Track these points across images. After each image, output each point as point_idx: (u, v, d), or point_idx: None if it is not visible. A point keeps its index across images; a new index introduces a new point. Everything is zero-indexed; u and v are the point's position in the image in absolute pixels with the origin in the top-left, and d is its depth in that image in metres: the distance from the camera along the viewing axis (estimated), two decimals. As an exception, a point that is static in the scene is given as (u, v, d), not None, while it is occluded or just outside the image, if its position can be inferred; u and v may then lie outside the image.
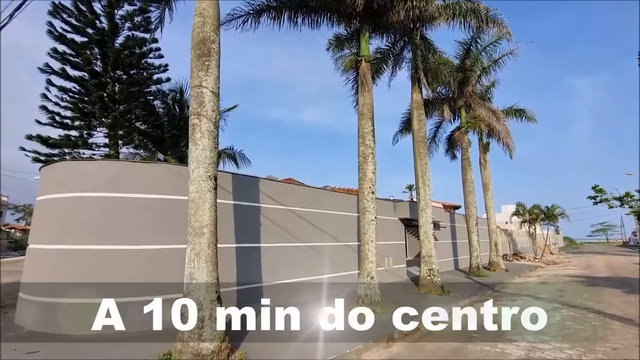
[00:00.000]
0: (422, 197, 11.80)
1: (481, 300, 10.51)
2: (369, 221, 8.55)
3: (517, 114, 19.44)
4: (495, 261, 18.61)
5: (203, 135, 5.42)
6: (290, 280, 8.81)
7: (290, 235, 9.05)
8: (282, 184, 9.19)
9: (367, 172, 8.79)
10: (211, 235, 5.18)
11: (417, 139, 12.24)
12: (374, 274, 8.35)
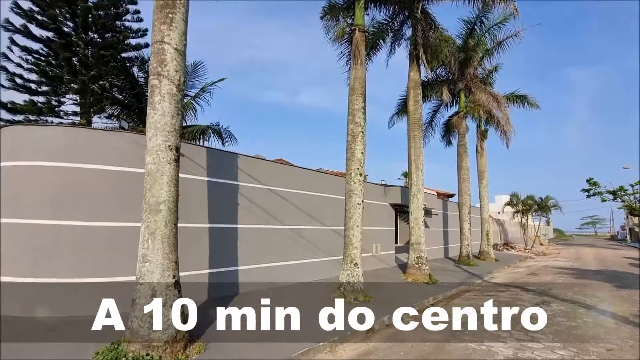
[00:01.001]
0: (414, 182, 11.25)
1: (469, 290, 10.18)
2: (355, 205, 7.99)
3: (519, 100, 18.74)
4: (486, 250, 18.36)
5: (163, 98, 4.71)
6: (270, 264, 8.31)
7: (272, 217, 8.49)
8: (263, 161, 8.56)
9: (355, 152, 8.16)
10: (169, 213, 4.57)
11: (412, 121, 11.57)
12: (357, 260, 7.86)
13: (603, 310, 7.28)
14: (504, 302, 8.16)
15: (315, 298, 7.54)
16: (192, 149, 6.93)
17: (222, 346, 4.93)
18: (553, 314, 6.88)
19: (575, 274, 13.40)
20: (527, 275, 13.27)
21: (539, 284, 11.02)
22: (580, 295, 9.00)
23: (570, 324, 6.12)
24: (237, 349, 4.90)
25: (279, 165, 8.89)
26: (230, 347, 4.93)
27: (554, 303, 7.95)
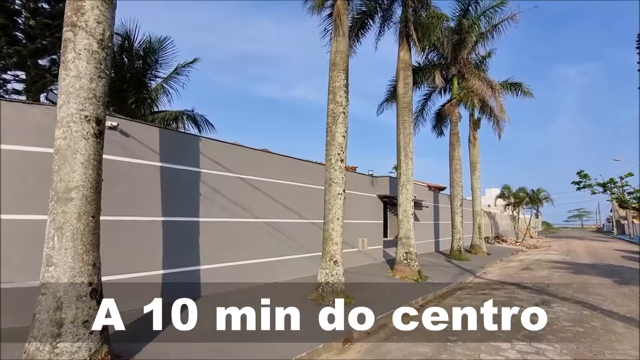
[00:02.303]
0: (403, 172, 10.36)
1: (461, 287, 9.39)
2: (336, 195, 7.05)
3: (513, 87, 17.96)
4: (478, 244, 17.72)
5: (79, 56, 3.66)
6: (239, 262, 7.35)
7: (242, 209, 7.50)
8: (231, 146, 7.54)
9: (335, 135, 7.19)
10: (85, 202, 3.54)
11: (402, 105, 10.64)
12: (338, 258, 6.95)
13: (609, 312, 6.54)
14: (500, 302, 7.37)
15: (290, 300, 6.61)
16: (139, 129, 5.87)
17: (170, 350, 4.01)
18: (556, 317, 6.09)
19: (571, 269, 12.78)
20: (521, 271, 12.59)
21: (535, 280, 10.31)
22: (581, 293, 8.28)
23: (578, 330, 5.32)
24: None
25: (250, 150, 7.87)
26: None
27: (555, 303, 7.19)
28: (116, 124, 5.48)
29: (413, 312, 6.51)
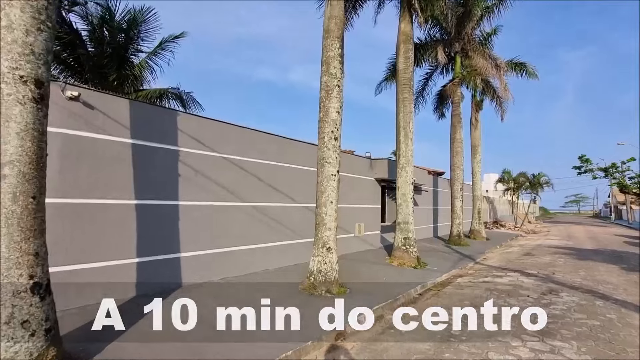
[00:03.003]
0: (402, 153, 9.75)
1: (461, 274, 8.95)
2: (329, 176, 6.46)
3: (517, 68, 17.11)
4: (477, 229, 17.31)
5: (10, 2, 2.96)
6: (224, 249, 6.81)
7: (227, 192, 6.91)
8: (214, 122, 6.86)
9: (329, 110, 6.53)
10: (22, 180, 2.93)
11: (402, 82, 9.92)
12: (331, 244, 6.43)
13: (623, 302, 6.08)
14: (503, 291, 6.91)
15: (279, 290, 6.14)
16: (106, 100, 5.19)
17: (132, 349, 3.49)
18: (567, 308, 5.62)
19: (575, 255, 12.38)
20: (523, 256, 12.18)
21: (538, 266, 9.88)
22: (590, 280, 7.84)
23: (593, 324, 4.85)
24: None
25: (236, 127, 7.20)
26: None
27: (564, 292, 6.73)
28: (77, 93, 4.81)
29: (411, 304, 6.10)
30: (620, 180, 33.56)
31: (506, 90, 14.73)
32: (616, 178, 33.48)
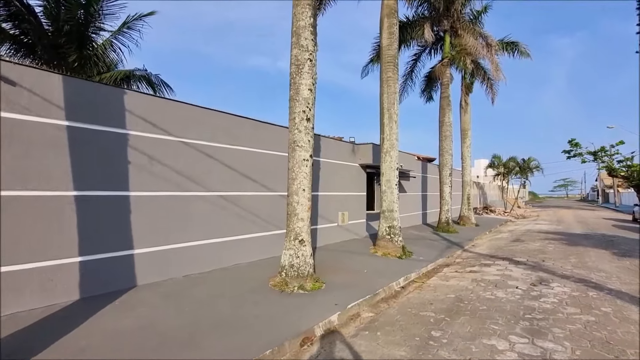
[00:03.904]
0: (386, 137, 9.13)
1: (448, 264, 8.51)
2: (301, 161, 5.82)
3: (509, 47, 16.46)
4: (466, 215, 16.97)
5: None
6: (187, 243, 6.18)
7: (189, 181, 6.23)
8: (172, 103, 6.11)
9: (300, 88, 5.84)
10: None
11: (386, 59, 9.21)
12: (304, 236, 5.84)
13: (617, 292, 5.67)
14: (491, 282, 6.46)
15: (246, 287, 5.56)
16: (33, 76, 4.42)
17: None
18: (559, 300, 5.17)
19: (565, 240, 12.08)
20: (512, 243, 11.83)
21: (528, 253, 9.50)
22: (581, 268, 7.45)
23: (588, 320, 4.39)
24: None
25: (200, 109, 6.46)
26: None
27: (555, 282, 6.30)
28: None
29: (392, 299, 5.60)
30: (609, 163, 33.57)
31: (497, 70, 14.10)
32: (605, 162, 33.53)
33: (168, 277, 5.84)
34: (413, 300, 5.54)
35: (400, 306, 5.25)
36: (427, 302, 5.39)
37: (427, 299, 5.56)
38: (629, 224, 19.31)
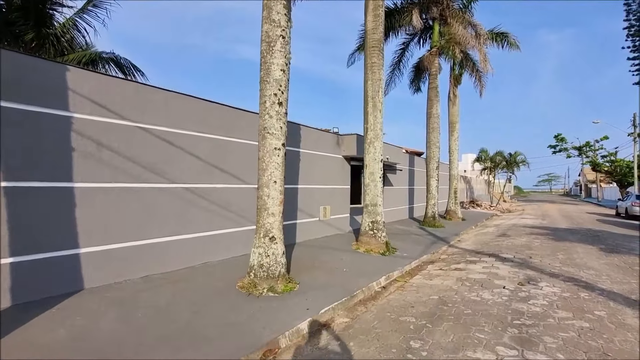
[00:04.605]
0: (370, 127, 8.62)
1: (432, 260, 8.13)
2: (272, 150, 5.25)
3: (498, 38, 16.07)
4: (453, 209, 16.71)
5: None
6: (148, 240, 5.57)
7: (151, 172, 5.60)
8: (127, 83, 5.43)
9: (271, 68, 5.24)
10: None
11: (371, 44, 8.64)
12: (275, 232, 5.30)
13: (609, 292, 5.34)
14: (477, 281, 6.08)
15: (211, 289, 5.01)
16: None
17: None
18: (549, 303, 4.79)
19: (551, 235, 11.89)
20: (498, 237, 11.57)
21: (514, 249, 9.20)
22: (570, 265, 7.15)
23: (582, 326, 4.00)
24: None
25: (161, 92, 5.80)
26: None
27: (543, 281, 5.95)
28: None
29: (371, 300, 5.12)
30: (593, 158, 34.07)
31: (486, 61, 13.70)
32: (589, 157, 33.99)
33: (124, 278, 5.24)
34: (393, 302, 5.09)
35: (379, 310, 4.79)
36: (408, 304, 4.95)
37: (409, 301, 5.12)
38: (612, 218, 19.46)
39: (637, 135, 27.23)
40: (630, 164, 29.70)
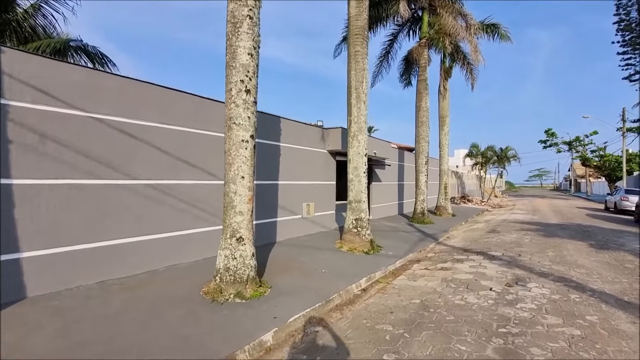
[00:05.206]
0: (354, 119, 8.18)
1: (418, 259, 7.77)
2: (239, 142, 4.78)
3: (489, 29, 15.73)
4: (443, 205, 16.42)
5: None
6: (105, 242, 5.08)
7: (106, 167, 5.09)
8: (79, 69, 4.90)
9: (237, 52, 4.76)
10: None
11: (354, 31, 8.19)
12: (243, 232, 4.84)
13: (601, 293, 5.02)
14: (463, 282, 5.72)
15: (171, 296, 4.55)
16: None
17: None
18: (538, 307, 4.43)
19: (541, 231, 11.64)
20: (487, 234, 11.29)
21: (503, 246, 8.90)
22: (560, 264, 6.84)
23: (572, 334, 3.65)
24: None
25: (119, 79, 5.27)
26: None
27: (532, 282, 5.61)
28: None
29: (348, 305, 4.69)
30: (583, 153, 34.22)
31: (477, 51, 13.33)
32: (579, 152, 34.14)
33: (76, 284, 4.75)
34: (372, 307, 4.70)
35: (355, 316, 4.39)
36: (387, 310, 4.56)
37: (389, 305, 4.74)
38: (601, 212, 19.42)
39: (626, 130, 27.30)
40: (619, 159, 29.85)
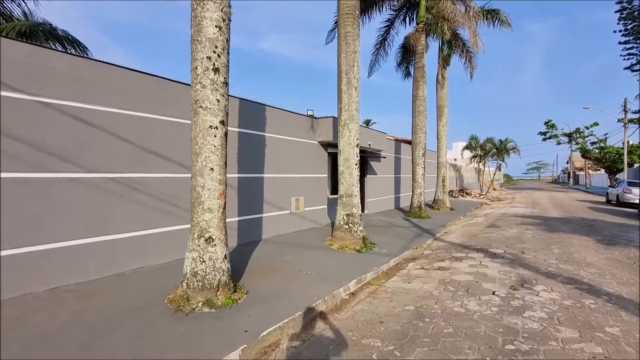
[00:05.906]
0: (344, 107, 7.55)
1: (414, 257, 7.22)
2: (206, 129, 4.15)
3: (489, 15, 15.03)
4: (441, 199, 15.87)
5: None
6: (58, 243, 4.47)
7: (58, 159, 4.46)
8: (21, 45, 4.24)
9: (203, 24, 4.10)
10: None
11: (344, 10, 7.51)
12: (213, 232, 4.24)
13: (618, 298, 4.47)
14: (462, 284, 5.16)
15: (131, 305, 3.97)
16: None
17: None
18: (549, 315, 3.88)
19: (543, 225, 11.11)
20: (487, 228, 10.75)
21: (505, 242, 8.35)
22: (568, 262, 6.29)
23: (593, 352, 3.09)
24: None
25: (70, 57, 4.61)
26: None
27: (539, 284, 5.06)
28: None
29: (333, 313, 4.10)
30: (583, 145, 33.72)
31: (476, 36, 12.63)
32: (579, 143, 33.65)
33: (24, 291, 4.16)
34: (360, 315, 4.14)
35: (340, 326, 3.82)
36: (377, 319, 3.99)
37: (379, 313, 4.17)
38: (603, 205, 18.94)
39: (627, 121, 26.74)
40: (620, 151, 29.36)
